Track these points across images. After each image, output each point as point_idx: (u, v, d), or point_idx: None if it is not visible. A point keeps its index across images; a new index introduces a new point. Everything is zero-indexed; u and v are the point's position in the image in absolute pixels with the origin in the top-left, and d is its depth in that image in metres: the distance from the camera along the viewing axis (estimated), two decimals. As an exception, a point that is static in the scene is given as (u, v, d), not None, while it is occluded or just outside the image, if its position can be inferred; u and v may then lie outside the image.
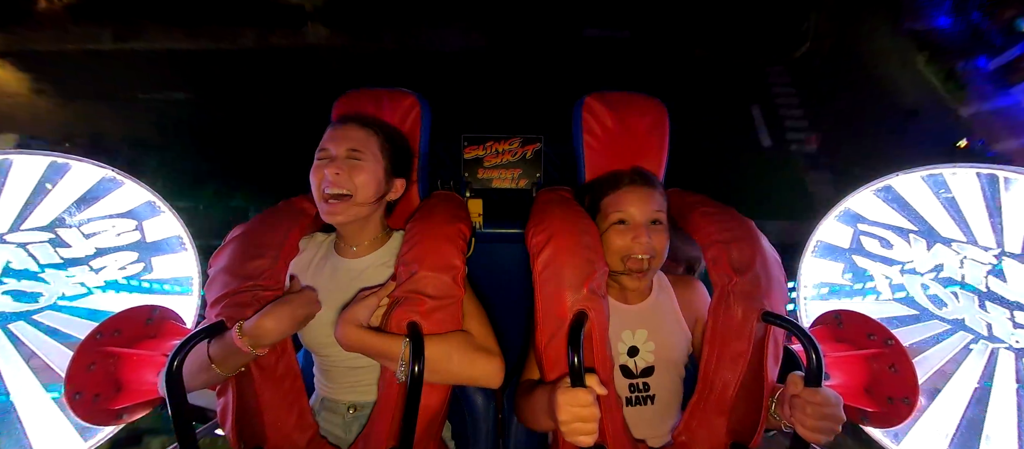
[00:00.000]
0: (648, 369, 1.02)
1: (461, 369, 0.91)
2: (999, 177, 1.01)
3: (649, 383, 1.02)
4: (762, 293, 0.91)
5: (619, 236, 0.99)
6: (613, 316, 0.98)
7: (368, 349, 0.88)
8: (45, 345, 1.05)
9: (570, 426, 0.77)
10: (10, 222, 1.05)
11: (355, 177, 0.96)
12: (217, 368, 0.86)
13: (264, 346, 0.87)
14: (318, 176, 0.97)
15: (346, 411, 1.02)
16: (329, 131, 1.02)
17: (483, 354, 0.94)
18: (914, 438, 1.01)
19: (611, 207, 1.03)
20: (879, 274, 1.14)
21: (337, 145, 0.98)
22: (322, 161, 0.98)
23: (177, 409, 0.79)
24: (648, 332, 1.02)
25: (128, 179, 1.18)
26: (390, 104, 1.13)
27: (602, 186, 1.07)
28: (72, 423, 1.03)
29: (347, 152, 0.97)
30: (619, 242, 0.99)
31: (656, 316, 1.04)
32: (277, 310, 0.88)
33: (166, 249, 1.21)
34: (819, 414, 0.78)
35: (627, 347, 1.02)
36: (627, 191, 1.03)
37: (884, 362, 1.00)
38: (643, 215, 1.00)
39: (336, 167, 0.95)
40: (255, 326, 0.85)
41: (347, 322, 0.88)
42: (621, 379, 1.01)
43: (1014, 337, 0.96)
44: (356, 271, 1.03)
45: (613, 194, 1.04)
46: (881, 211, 1.16)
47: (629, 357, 1.02)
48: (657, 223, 1.01)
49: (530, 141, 1.40)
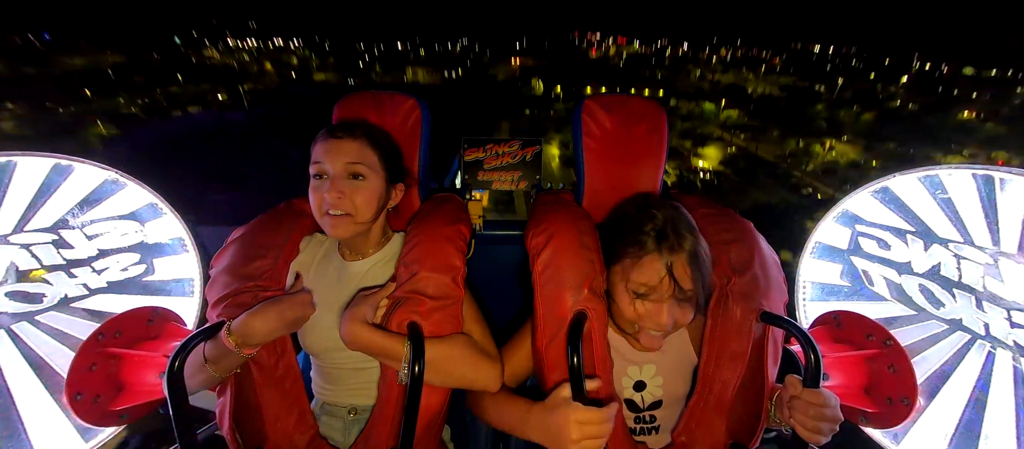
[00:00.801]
0: (656, 403, 1.00)
1: (463, 372, 0.92)
2: (995, 178, 1.01)
3: (656, 415, 1.01)
4: (760, 293, 0.92)
5: (640, 305, 0.87)
6: (619, 353, 0.96)
7: (374, 348, 0.88)
8: (47, 346, 1.06)
9: (581, 444, 0.76)
10: (14, 223, 1.06)
11: (355, 198, 0.94)
12: (211, 368, 0.86)
13: (252, 346, 0.87)
14: (317, 198, 0.94)
15: (346, 415, 1.02)
16: (322, 143, 0.96)
17: (485, 358, 0.95)
18: (913, 438, 1.01)
19: (634, 267, 0.86)
20: (877, 275, 1.15)
21: (333, 161, 0.94)
22: (320, 181, 0.94)
23: (178, 410, 0.79)
24: (656, 367, 1.00)
25: (131, 181, 1.19)
26: (391, 107, 1.14)
27: (624, 237, 0.90)
28: (73, 424, 1.02)
29: (345, 168, 0.94)
30: (639, 311, 0.87)
31: (666, 350, 0.97)
32: (266, 310, 0.88)
33: (168, 251, 1.22)
34: (818, 414, 0.79)
35: (633, 382, 1.00)
36: (654, 260, 0.84)
37: (883, 362, 1.00)
38: (672, 290, 0.84)
39: (337, 190, 0.92)
40: (243, 324, 0.85)
41: (353, 319, 0.88)
42: (626, 412, 0.99)
43: (1011, 336, 0.96)
44: (359, 273, 1.03)
45: (635, 260, 0.86)
46: (879, 212, 1.17)
47: (635, 391, 1.00)
48: (685, 301, 0.86)
49: (530, 143, 1.41)
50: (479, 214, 1.36)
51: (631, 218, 0.91)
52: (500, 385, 0.96)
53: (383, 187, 1.00)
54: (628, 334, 0.95)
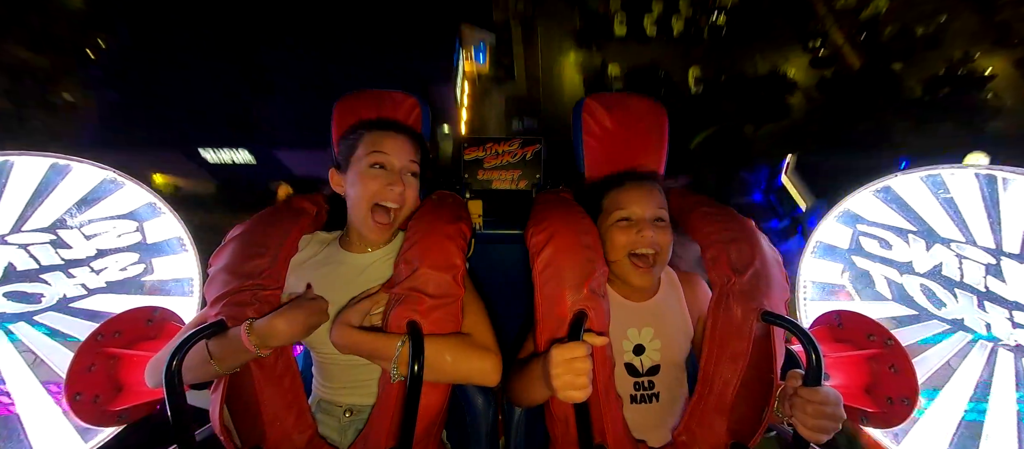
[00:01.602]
0: (654, 367, 1.02)
1: (455, 367, 0.91)
2: (998, 177, 1.01)
3: (655, 381, 1.02)
4: (761, 293, 0.91)
5: (622, 233, 1.00)
6: (618, 312, 0.99)
7: (361, 349, 0.89)
8: (46, 346, 1.05)
9: (562, 379, 0.78)
10: (12, 223, 1.05)
11: (408, 194, 1.02)
12: (216, 365, 0.85)
13: (270, 347, 0.87)
14: (375, 184, 1.00)
15: (342, 414, 1.01)
16: (385, 136, 1.03)
17: (479, 351, 0.94)
18: (914, 438, 1.01)
19: (613, 205, 1.04)
20: (879, 274, 1.14)
21: (399, 155, 1.02)
22: (380, 170, 1.01)
23: (176, 409, 0.78)
24: (654, 330, 1.03)
25: (129, 180, 1.18)
26: (392, 105, 1.14)
27: (604, 185, 1.08)
28: (72, 424, 1.02)
29: (407, 165, 1.03)
30: (623, 239, 1.00)
31: (663, 313, 1.05)
32: (291, 313, 0.88)
33: (167, 250, 1.21)
34: (819, 413, 0.79)
35: (633, 345, 1.02)
36: (629, 189, 1.04)
37: (884, 362, 1.00)
38: (646, 212, 1.01)
39: (401, 183, 1.00)
40: (268, 325, 0.85)
41: (340, 323, 0.90)
42: (626, 377, 1.01)
43: (1013, 337, 0.96)
44: (359, 267, 1.03)
45: (615, 192, 1.05)
46: (880, 211, 1.17)
47: (635, 355, 1.02)
48: (660, 220, 1.02)
49: (530, 142, 1.40)
50: (479, 213, 1.35)
51: (608, 175, 1.11)
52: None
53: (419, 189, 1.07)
54: (628, 277, 1.02)
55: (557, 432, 0.94)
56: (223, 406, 0.88)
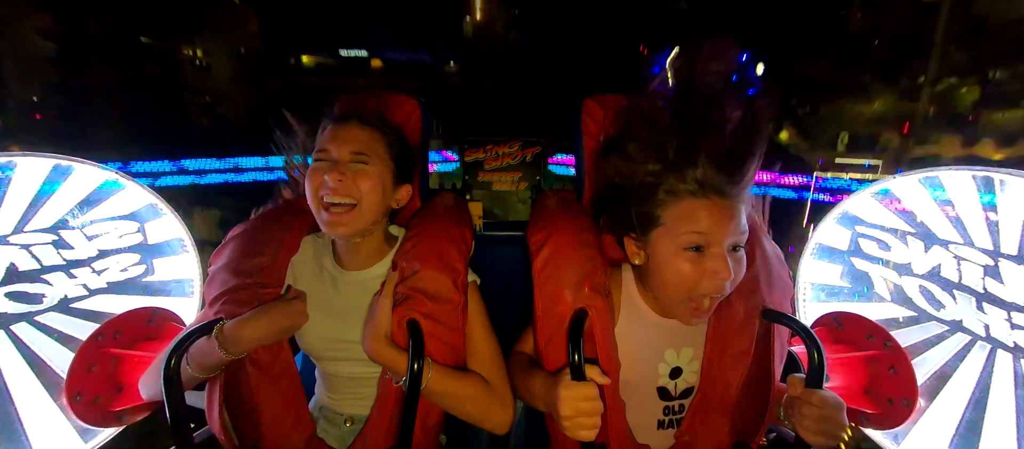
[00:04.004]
0: (687, 390, 0.95)
1: (469, 415, 0.90)
2: (995, 179, 1.01)
3: (685, 405, 0.95)
4: (763, 291, 0.91)
5: (690, 264, 0.76)
6: (653, 332, 0.92)
7: (389, 364, 0.87)
8: (47, 347, 1.05)
9: (573, 421, 0.76)
10: (14, 224, 1.05)
11: (360, 183, 0.88)
12: (191, 367, 0.84)
13: (237, 353, 0.84)
14: (316, 180, 0.88)
15: (343, 424, 1.01)
16: (329, 129, 0.92)
17: (499, 405, 0.92)
18: (914, 439, 1.01)
19: (679, 216, 0.76)
20: (877, 276, 1.15)
21: (339, 146, 0.89)
22: (322, 164, 0.89)
23: (174, 408, 0.78)
24: (693, 350, 0.92)
25: (131, 181, 1.19)
26: (391, 107, 1.14)
27: (653, 184, 0.78)
28: (72, 425, 1.02)
29: (351, 155, 0.89)
30: (689, 271, 0.76)
31: (704, 330, 0.91)
32: (256, 320, 0.85)
33: (168, 251, 1.22)
34: (819, 416, 0.78)
35: (669, 368, 0.94)
36: (714, 203, 0.74)
37: (883, 364, 1.00)
38: (726, 236, 0.75)
39: (338, 172, 0.86)
40: (232, 330, 0.83)
41: (376, 338, 0.86)
42: (656, 401, 0.95)
43: (1012, 338, 0.96)
44: (358, 283, 1.00)
45: (688, 201, 0.76)
46: (879, 213, 1.17)
47: (670, 379, 0.94)
48: (737, 249, 0.78)
49: (530, 144, 1.41)
50: (479, 214, 1.35)
51: (653, 165, 0.78)
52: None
53: (390, 180, 0.94)
54: (673, 314, 0.85)
55: (557, 433, 0.94)
56: (222, 406, 0.88)
